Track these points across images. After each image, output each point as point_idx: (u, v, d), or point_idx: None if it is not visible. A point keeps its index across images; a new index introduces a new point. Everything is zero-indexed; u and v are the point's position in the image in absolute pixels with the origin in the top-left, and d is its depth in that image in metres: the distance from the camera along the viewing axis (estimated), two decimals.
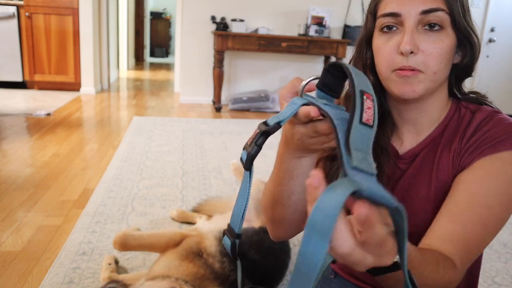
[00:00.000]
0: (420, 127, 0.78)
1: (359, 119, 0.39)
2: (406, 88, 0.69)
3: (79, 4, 4.62)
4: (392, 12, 0.68)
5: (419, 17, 0.67)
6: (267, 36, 4.29)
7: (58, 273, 1.45)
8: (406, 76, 0.68)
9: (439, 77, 0.69)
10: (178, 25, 5.32)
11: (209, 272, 1.17)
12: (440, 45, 0.67)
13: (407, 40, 0.66)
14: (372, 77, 0.76)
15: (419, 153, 0.78)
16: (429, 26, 0.67)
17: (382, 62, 0.71)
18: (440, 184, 0.74)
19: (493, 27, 5.02)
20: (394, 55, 0.68)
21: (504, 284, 1.59)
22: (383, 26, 0.70)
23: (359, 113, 0.39)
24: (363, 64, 0.77)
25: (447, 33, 0.68)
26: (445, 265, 0.62)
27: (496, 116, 0.73)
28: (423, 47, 0.67)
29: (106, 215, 1.90)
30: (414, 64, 0.67)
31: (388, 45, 0.69)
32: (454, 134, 0.75)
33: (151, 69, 8.50)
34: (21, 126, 3.33)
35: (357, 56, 0.78)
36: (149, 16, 9.93)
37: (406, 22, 0.67)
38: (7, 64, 4.65)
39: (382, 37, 0.71)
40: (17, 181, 2.23)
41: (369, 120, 0.39)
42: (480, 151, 0.70)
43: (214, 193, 2.24)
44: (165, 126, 3.64)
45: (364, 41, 0.77)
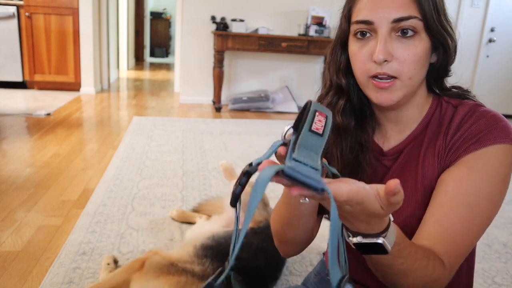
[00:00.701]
0: (402, 125, 0.78)
1: (309, 127, 0.47)
2: (383, 98, 0.70)
3: (79, 4, 4.62)
4: (365, 20, 0.68)
5: (391, 25, 0.67)
6: (267, 36, 4.29)
7: (58, 273, 1.45)
8: (383, 87, 0.69)
9: (414, 81, 0.70)
10: (178, 25, 5.32)
11: (190, 277, 1.15)
12: (414, 51, 0.67)
13: (380, 49, 0.66)
14: (344, 80, 0.77)
15: (403, 150, 0.78)
16: (402, 32, 0.67)
17: (358, 69, 0.72)
18: (426, 181, 0.74)
19: (493, 27, 5.02)
20: (368, 63, 0.69)
21: (504, 284, 1.59)
22: (356, 32, 0.71)
23: (309, 123, 0.47)
24: (337, 68, 0.78)
25: (421, 37, 0.68)
26: (435, 262, 0.63)
27: (478, 109, 0.73)
28: (397, 54, 0.67)
29: (106, 215, 1.90)
30: (389, 70, 0.67)
31: (362, 52, 0.70)
32: (437, 130, 0.76)
33: (151, 69, 8.50)
34: (21, 126, 3.33)
35: (331, 58, 0.79)
36: (149, 16, 9.93)
37: (379, 30, 0.67)
38: (7, 64, 4.65)
39: (356, 43, 0.71)
40: (17, 181, 2.23)
41: (319, 129, 0.47)
42: (465, 147, 0.70)
43: (214, 193, 2.24)
44: (165, 126, 3.64)
45: (338, 44, 0.77)
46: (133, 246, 1.66)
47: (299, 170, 0.41)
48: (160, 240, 1.72)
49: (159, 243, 1.70)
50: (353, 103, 0.78)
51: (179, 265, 1.20)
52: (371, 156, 0.79)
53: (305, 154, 0.44)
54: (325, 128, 0.48)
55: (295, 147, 0.45)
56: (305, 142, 0.46)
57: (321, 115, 0.49)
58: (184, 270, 1.17)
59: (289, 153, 0.44)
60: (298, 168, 0.42)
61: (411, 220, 0.74)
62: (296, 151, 0.44)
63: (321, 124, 0.48)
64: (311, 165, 0.43)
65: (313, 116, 0.49)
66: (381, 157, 0.80)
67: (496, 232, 1.98)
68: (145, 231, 1.78)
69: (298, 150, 0.44)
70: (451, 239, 0.67)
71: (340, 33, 0.76)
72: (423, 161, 0.75)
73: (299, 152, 0.44)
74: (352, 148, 0.78)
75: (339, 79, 0.77)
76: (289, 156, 0.44)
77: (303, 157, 0.44)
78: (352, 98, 0.78)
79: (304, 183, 0.41)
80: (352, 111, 0.78)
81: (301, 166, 0.42)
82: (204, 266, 1.20)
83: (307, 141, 0.46)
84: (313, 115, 0.49)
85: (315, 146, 0.46)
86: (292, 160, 0.43)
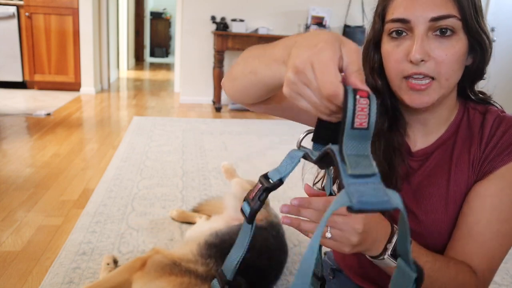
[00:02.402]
0: (430, 127, 0.77)
1: (351, 124, 0.38)
2: (419, 100, 0.67)
3: (79, 4, 4.62)
4: (401, 18, 0.66)
5: (429, 24, 0.64)
6: (267, 36, 4.29)
7: (58, 273, 1.45)
8: (419, 90, 0.66)
9: (451, 82, 0.68)
10: (178, 25, 5.32)
11: (194, 277, 1.12)
12: (452, 51, 0.65)
13: (417, 49, 0.64)
14: (380, 81, 0.75)
15: (432, 153, 0.77)
16: (440, 31, 0.65)
17: (392, 69, 0.69)
18: (457, 188, 0.73)
19: (493, 27, 5.01)
20: (404, 63, 0.67)
21: (504, 284, 1.59)
22: (391, 31, 0.68)
23: (351, 117, 0.38)
24: (371, 68, 0.75)
25: (459, 37, 0.66)
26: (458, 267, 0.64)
27: (505, 117, 0.72)
28: (434, 54, 0.65)
29: (106, 215, 1.90)
30: (426, 70, 0.65)
31: (398, 51, 0.67)
32: (469, 137, 0.74)
33: (151, 69, 8.50)
34: (21, 126, 3.33)
35: (364, 59, 0.76)
36: (149, 16, 9.93)
37: (416, 29, 0.65)
38: (7, 64, 4.65)
39: (391, 42, 0.69)
40: (17, 181, 2.23)
41: (363, 124, 0.38)
42: (500, 158, 0.69)
43: (214, 193, 2.24)
44: (165, 126, 3.64)
45: (371, 44, 0.75)
46: (133, 246, 1.66)
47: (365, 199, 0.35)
48: (160, 240, 1.72)
49: (159, 243, 1.70)
50: (387, 105, 0.76)
51: (182, 264, 1.17)
52: (404, 159, 0.77)
53: (357, 161, 0.38)
54: (370, 118, 0.39)
55: (343, 156, 0.38)
56: (353, 146, 0.39)
57: (363, 96, 0.39)
58: (188, 271, 1.15)
59: (341, 166, 0.38)
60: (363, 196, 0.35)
61: (439, 224, 0.74)
62: (347, 161, 0.38)
63: (364, 114, 0.38)
64: (369, 173, 0.37)
65: (353, 101, 0.38)
66: (408, 157, 0.79)
67: None
68: (145, 231, 1.78)
69: (348, 160, 0.38)
70: (486, 255, 0.67)
71: (374, 33, 0.74)
72: (455, 167, 0.74)
73: (350, 162, 0.38)
74: (385, 151, 0.76)
75: (374, 80, 0.75)
76: (343, 171, 0.37)
77: (357, 168, 0.37)
78: (386, 100, 0.76)
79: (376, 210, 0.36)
80: (385, 113, 0.76)
81: (362, 186, 0.36)
82: (208, 266, 1.17)
83: (355, 144, 0.39)
84: (353, 100, 0.38)
85: (363, 145, 0.39)
86: (349, 177, 0.37)
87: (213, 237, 1.30)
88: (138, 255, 1.59)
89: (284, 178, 0.51)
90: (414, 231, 0.76)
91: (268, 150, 3.13)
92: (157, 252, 1.25)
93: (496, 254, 0.68)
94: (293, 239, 1.76)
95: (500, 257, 0.69)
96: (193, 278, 1.13)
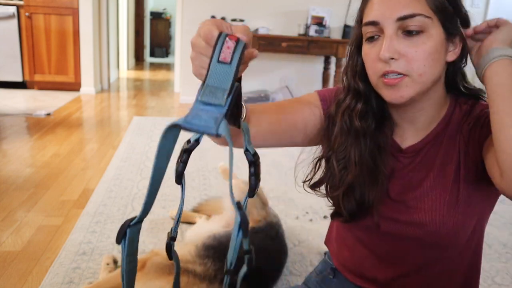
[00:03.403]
0: (419, 125, 0.79)
1: (217, 58, 0.45)
2: (394, 95, 0.70)
3: (79, 4, 4.62)
4: (371, 21, 0.70)
5: (396, 23, 0.68)
6: (267, 36, 4.29)
7: (58, 273, 1.45)
8: (392, 84, 0.69)
9: (426, 78, 0.70)
10: (178, 25, 5.32)
11: (192, 277, 1.14)
12: (422, 48, 0.68)
13: (385, 47, 0.67)
14: (363, 84, 0.77)
15: (422, 149, 0.79)
16: (408, 31, 0.68)
17: (369, 69, 0.73)
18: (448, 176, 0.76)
19: None
20: (378, 62, 0.70)
21: (504, 284, 1.59)
22: (367, 36, 0.73)
23: (218, 52, 0.46)
24: (354, 72, 0.79)
25: (429, 34, 0.68)
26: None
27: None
28: (404, 52, 0.68)
29: (106, 215, 1.90)
30: (397, 68, 0.68)
31: (372, 52, 0.71)
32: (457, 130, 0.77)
33: (151, 69, 8.50)
34: (21, 126, 3.33)
35: (349, 63, 0.81)
36: (149, 16, 9.93)
37: (385, 30, 0.69)
38: (7, 64, 4.65)
39: (367, 45, 0.73)
40: (17, 181, 2.23)
41: (226, 59, 0.45)
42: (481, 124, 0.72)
43: (214, 193, 2.24)
44: (165, 126, 3.64)
45: (354, 48, 0.79)
46: None
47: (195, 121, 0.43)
48: (160, 240, 1.72)
49: (159, 243, 1.70)
50: (373, 107, 0.79)
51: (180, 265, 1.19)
52: (389, 158, 0.80)
53: (210, 91, 0.45)
54: (233, 55, 0.46)
55: (204, 85, 0.45)
56: (216, 77, 0.45)
57: (231, 40, 0.46)
58: (186, 271, 1.17)
59: (198, 92, 0.45)
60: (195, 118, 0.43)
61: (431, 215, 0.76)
62: (203, 89, 0.45)
63: (229, 51, 0.46)
64: (216, 103, 0.44)
65: (222, 42, 0.46)
66: (398, 154, 0.81)
67: (496, 232, 1.98)
68: (145, 231, 1.78)
69: (205, 88, 0.45)
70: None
71: (355, 38, 0.78)
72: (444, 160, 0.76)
73: (206, 90, 0.45)
74: (371, 151, 0.78)
75: (356, 83, 0.78)
76: (197, 96, 0.45)
77: (208, 96, 0.44)
78: (371, 102, 0.79)
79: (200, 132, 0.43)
80: (372, 114, 0.79)
81: (202, 111, 0.43)
82: (206, 266, 1.19)
83: (218, 76, 0.45)
84: (222, 41, 0.46)
85: (224, 78, 0.45)
86: (199, 101, 0.44)
87: (210, 239, 1.32)
88: (138, 255, 1.59)
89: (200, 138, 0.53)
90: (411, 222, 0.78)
91: (268, 150, 3.13)
92: (156, 254, 1.26)
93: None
94: (293, 239, 1.76)
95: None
96: (192, 278, 1.14)
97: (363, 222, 0.83)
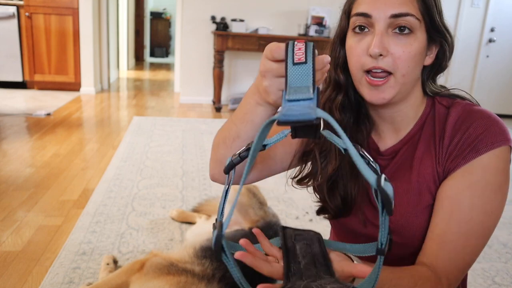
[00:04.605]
0: (398, 125, 0.79)
1: (292, 61, 0.48)
2: (376, 96, 0.71)
3: (79, 4, 4.62)
4: (364, 13, 0.70)
5: (389, 20, 0.68)
6: (267, 36, 4.29)
7: (58, 273, 1.45)
8: (376, 85, 0.70)
9: (407, 79, 0.70)
10: (178, 25, 5.32)
11: (191, 277, 1.15)
12: (409, 49, 0.68)
13: (376, 43, 0.67)
14: (344, 76, 0.78)
15: (399, 150, 0.79)
16: (399, 29, 0.68)
17: (354, 62, 0.72)
18: (422, 180, 0.75)
19: (493, 27, 5.02)
20: (364, 57, 0.70)
21: (504, 284, 1.59)
22: (355, 26, 0.72)
23: (291, 56, 0.48)
24: (335, 63, 0.79)
25: (416, 36, 0.69)
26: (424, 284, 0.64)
27: (471, 109, 0.74)
28: (392, 50, 0.68)
29: (106, 215, 1.90)
30: (384, 65, 0.68)
31: (359, 46, 0.71)
32: (432, 131, 0.76)
33: (151, 69, 8.50)
34: (21, 126, 3.33)
35: (330, 55, 0.80)
36: (149, 16, 9.93)
37: (376, 25, 0.69)
38: (7, 64, 4.65)
39: (354, 37, 0.72)
40: (17, 181, 2.23)
41: (301, 59, 0.48)
42: (463, 156, 0.71)
43: (214, 193, 2.24)
44: (165, 126, 3.64)
45: (337, 40, 0.78)
46: (133, 246, 1.66)
47: (291, 112, 0.43)
48: (160, 240, 1.72)
49: (159, 243, 1.70)
50: (351, 101, 0.79)
51: (179, 265, 1.20)
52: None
53: (294, 90, 0.46)
54: (306, 54, 0.48)
55: (287, 87, 0.47)
56: (296, 78, 0.47)
57: (300, 43, 0.49)
58: (185, 270, 1.18)
59: (283, 96, 0.47)
60: (290, 110, 0.44)
61: (405, 217, 0.76)
62: (287, 91, 0.46)
63: (301, 52, 0.48)
64: (306, 98, 0.45)
65: (292, 48, 0.49)
66: (377, 156, 0.81)
67: (496, 232, 1.98)
68: (145, 231, 1.78)
69: (289, 89, 0.47)
70: (449, 255, 0.69)
71: (340, 30, 0.78)
72: (419, 162, 0.76)
73: (290, 91, 0.46)
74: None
75: (337, 75, 0.78)
76: (283, 99, 0.46)
77: (294, 94, 0.46)
78: (350, 95, 0.79)
79: (299, 121, 0.43)
80: (350, 108, 0.80)
81: (294, 106, 0.44)
82: (204, 266, 1.20)
83: (297, 77, 0.47)
84: (292, 47, 0.49)
85: (304, 77, 0.47)
86: (286, 101, 0.46)
87: (209, 242, 1.34)
88: (138, 255, 1.59)
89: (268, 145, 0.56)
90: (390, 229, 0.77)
91: None
92: (155, 255, 1.28)
93: (459, 256, 0.69)
94: None
95: (465, 259, 0.70)
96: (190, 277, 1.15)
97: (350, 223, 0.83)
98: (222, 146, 0.74)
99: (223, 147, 0.73)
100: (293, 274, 0.48)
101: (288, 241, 0.54)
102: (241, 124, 0.67)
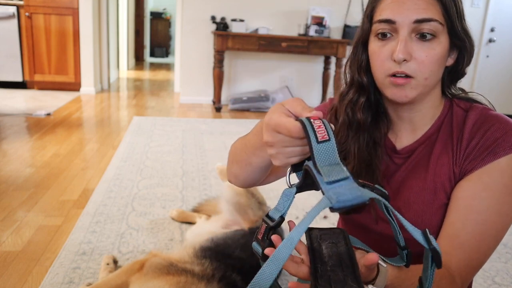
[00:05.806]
0: (415, 125, 0.80)
1: (315, 140, 0.47)
2: (399, 94, 0.72)
3: (79, 4, 4.62)
4: (387, 19, 0.71)
5: (412, 26, 0.69)
6: (267, 36, 4.29)
7: (58, 273, 1.45)
8: (399, 84, 0.71)
9: (430, 82, 0.72)
10: (178, 25, 5.32)
11: (190, 277, 1.16)
12: (432, 53, 0.70)
13: (400, 49, 0.68)
14: (365, 78, 0.79)
15: (416, 149, 0.81)
16: (422, 35, 0.69)
17: (377, 67, 0.74)
18: (437, 178, 0.76)
19: (493, 27, 5.02)
20: (388, 62, 0.71)
21: (504, 284, 1.59)
22: (378, 32, 0.73)
23: (313, 135, 0.47)
24: (358, 66, 0.80)
25: (439, 41, 0.70)
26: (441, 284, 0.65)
27: (488, 114, 0.75)
28: (416, 55, 0.69)
29: (106, 215, 1.90)
30: (407, 70, 0.70)
31: (383, 51, 0.72)
32: (450, 133, 0.78)
33: (151, 69, 8.50)
34: (21, 126, 3.33)
35: (353, 57, 0.82)
36: (149, 16, 9.92)
37: (400, 30, 0.70)
38: (7, 64, 4.65)
39: (377, 42, 0.74)
40: (17, 181, 2.23)
41: (325, 136, 0.47)
42: (481, 158, 0.72)
43: (214, 193, 2.24)
44: (165, 126, 3.64)
45: (360, 43, 0.80)
46: (133, 246, 1.66)
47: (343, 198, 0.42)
48: (160, 240, 1.72)
49: (159, 243, 1.70)
50: (370, 101, 0.81)
51: (179, 265, 1.20)
52: (384, 153, 0.82)
53: (330, 170, 0.45)
54: (327, 131, 0.48)
55: (318, 168, 0.45)
56: (323, 157, 0.46)
57: (316, 120, 0.49)
58: (184, 270, 1.18)
59: (318, 178, 0.45)
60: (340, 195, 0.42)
61: (420, 215, 0.77)
62: (321, 172, 0.45)
63: (322, 130, 0.48)
64: (343, 177, 0.44)
65: (310, 125, 0.48)
66: (393, 155, 0.82)
67: None
68: (145, 231, 1.78)
69: (322, 170, 0.45)
70: (463, 255, 0.70)
71: (362, 33, 0.79)
72: (436, 162, 0.77)
73: (324, 172, 0.45)
74: (367, 144, 0.81)
75: (361, 77, 0.80)
76: (320, 181, 0.44)
77: (331, 175, 0.44)
78: (370, 96, 0.81)
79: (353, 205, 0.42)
80: (369, 108, 0.81)
81: (339, 188, 0.43)
82: (204, 266, 1.21)
83: (324, 155, 0.46)
84: (311, 126, 0.48)
85: (331, 154, 0.47)
86: (326, 184, 0.44)
87: (208, 242, 1.34)
88: (138, 255, 1.59)
89: (284, 215, 0.57)
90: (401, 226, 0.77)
91: None
92: (154, 255, 1.28)
93: (473, 256, 0.70)
94: None
95: (478, 258, 0.71)
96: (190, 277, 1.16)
97: (362, 219, 0.84)
98: (235, 166, 0.77)
99: (237, 168, 0.77)
100: (321, 276, 0.49)
101: (314, 242, 0.54)
102: (252, 155, 0.70)
